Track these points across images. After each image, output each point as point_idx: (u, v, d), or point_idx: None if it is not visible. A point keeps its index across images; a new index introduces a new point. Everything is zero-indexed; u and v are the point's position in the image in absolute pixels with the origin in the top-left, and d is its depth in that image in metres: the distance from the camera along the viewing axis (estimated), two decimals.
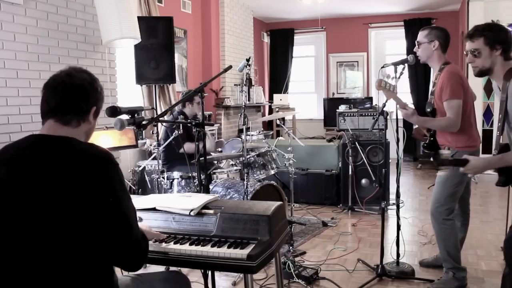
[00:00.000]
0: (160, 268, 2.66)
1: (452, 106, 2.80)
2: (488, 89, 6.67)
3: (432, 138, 2.86)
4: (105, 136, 3.71)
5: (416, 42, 3.06)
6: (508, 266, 2.25)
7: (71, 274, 1.36)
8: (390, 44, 9.50)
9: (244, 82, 3.49)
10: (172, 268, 3.36)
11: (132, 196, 1.62)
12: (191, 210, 1.88)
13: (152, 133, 4.46)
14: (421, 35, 3.03)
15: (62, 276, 1.36)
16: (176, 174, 3.65)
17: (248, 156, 3.63)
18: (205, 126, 2.44)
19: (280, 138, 5.79)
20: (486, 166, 2.24)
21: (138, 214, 1.53)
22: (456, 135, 2.87)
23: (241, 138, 3.69)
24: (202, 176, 2.45)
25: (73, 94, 1.49)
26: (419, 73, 8.61)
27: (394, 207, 3.39)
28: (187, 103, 4.22)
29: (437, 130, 2.90)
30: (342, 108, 7.54)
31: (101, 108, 1.60)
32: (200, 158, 2.40)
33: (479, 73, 2.35)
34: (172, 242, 1.78)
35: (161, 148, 3.95)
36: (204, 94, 2.53)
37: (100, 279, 1.42)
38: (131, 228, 1.44)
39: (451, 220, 2.96)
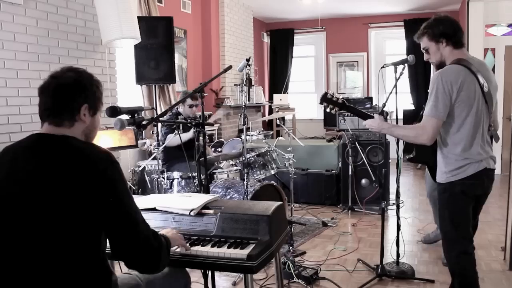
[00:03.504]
0: None
1: None
2: None
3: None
4: (105, 136, 3.71)
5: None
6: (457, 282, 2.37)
7: (67, 273, 1.36)
8: (390, 44, 9.50)
9: (244, 82, 3.50)
10: None
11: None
12: (191, 210, 1.88)
13: (152, 133, 4.47)
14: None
15: (59, 275, 1.35)
16: (176, 174, 3.64)
17: (248, 156, 3.63)
18: (205, 127, 2.44)
19: (280, 138, 5.79)
20: (379, 127, 2.51)
21: None
22: None
23: (241, 138, 3.69)
24: (202, 176, 2.45)
25: (58, 95, 1.46)
26: (419, 73, 8.61)
27: (394, 207, 3.39)
28: (181, 103, 4.22)
29: None
30: None
31: (98, 105, 1.55)
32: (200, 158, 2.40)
33: (437, 67, 2.46)
34: None
35: (160, 148, 3.95)
36: (204, 94, 2.53)
37: (97, 279, 1.42)
38: (137, 225, 1.43)
39: None
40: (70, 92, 1.47)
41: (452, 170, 2.28)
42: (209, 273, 2.25)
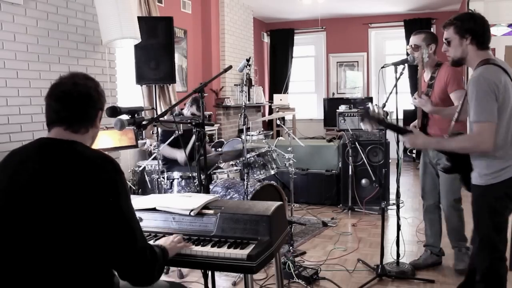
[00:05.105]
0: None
1: (460, 96, 2.91)
2: None
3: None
4: (105, 136, 3.70)
5: (411, 45, 3.21)
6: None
7: (69, 277, 1.36)
8: (390, 44, 9.51)
9: (244, 82, 3.50)
10: (172, 269, 3.37)
11: (132, 196, 1.61)
12: (191, 210, 1.88)
13: (152, 133, 4.46)
14: (418, 39, 3.19)
15: (60, 279, 1.35)
16: (176, 174, 3.64)
17: (248, 156, 3.63)
18: (205, 128, 2.44)
19: (280, 138, 5.78)
20: (424, 143, 2.38)
21: (138, 214, 1.52)
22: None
23: (241, 138, 3.69)
24: (202, 176, 2.45)
25: (81, 103, 1.49)
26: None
27: (394, 207, 3.39)
28: (188, 105, 4.22)
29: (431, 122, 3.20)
30: (342, 108, 7.54)
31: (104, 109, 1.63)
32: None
33: (453, 63, 2.35)
34: None
35: (160, 148, 3.94)
36: (204, 94, 2.53)
37: (99, 281, 1.42)
38: (135, 237, 1.43)
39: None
40: (92, 101, 1.52)
41: (494, 172, 2.16)
42: (209, 273, 2.25)
